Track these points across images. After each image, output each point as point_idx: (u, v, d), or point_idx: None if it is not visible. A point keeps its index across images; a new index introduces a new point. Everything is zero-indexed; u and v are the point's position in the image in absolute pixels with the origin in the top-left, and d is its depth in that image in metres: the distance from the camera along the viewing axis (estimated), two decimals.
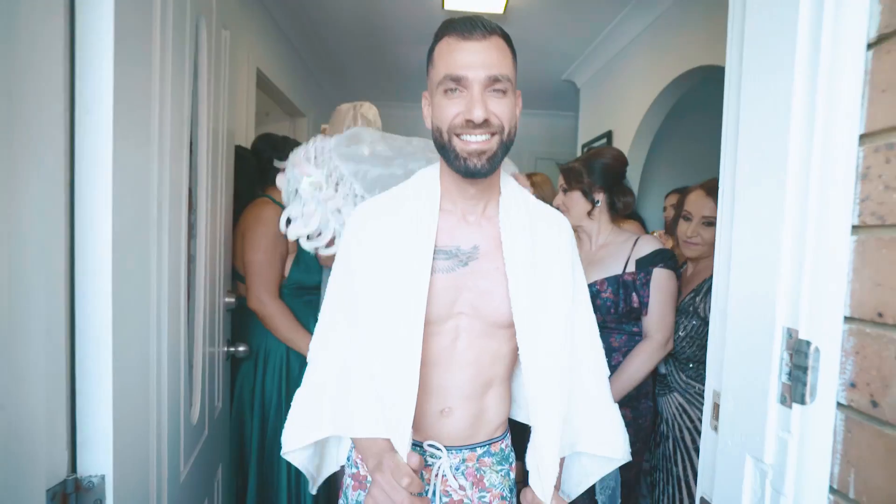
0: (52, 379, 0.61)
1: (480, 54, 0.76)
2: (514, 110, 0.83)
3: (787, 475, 0.53)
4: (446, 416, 0.90)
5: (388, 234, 0.86)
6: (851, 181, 0.49)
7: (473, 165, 0.79)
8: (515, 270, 0.83)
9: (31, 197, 0.56)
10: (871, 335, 0.47)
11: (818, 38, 0.51)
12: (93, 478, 0.66)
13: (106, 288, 0.67)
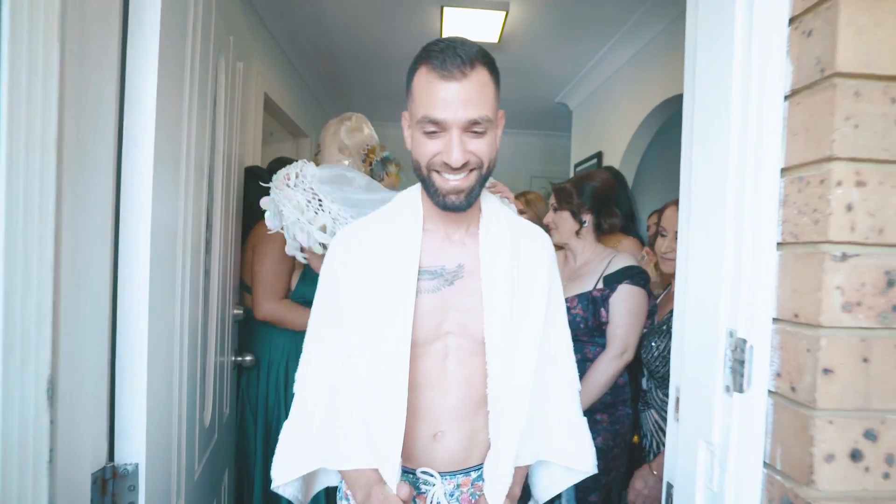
0: (97, 378, 0.70)
1: (460, 95, 0.74)
2: (493, 145, 0.81)
3: (731, 454, 0.62)
4: (439, 441, 0.88)
5: (372, 257, 0.85)
6: (775, 207, 0.60)
7: (451, 202, 0.80)
8: (492, 287, 0.83)
9: (88, 217, 0.66)
10: (790, 332, 0.57)
11: (748, 91, 0.62)
12: (128, 465, 0.74)
13: (143, 302, 0.76)
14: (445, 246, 0.87)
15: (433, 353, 0.86)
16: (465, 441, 0.89)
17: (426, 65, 0.76)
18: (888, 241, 0.53)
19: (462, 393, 0.87)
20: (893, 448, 0.54)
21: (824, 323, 0.53)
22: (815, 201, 0.54)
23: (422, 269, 0.84)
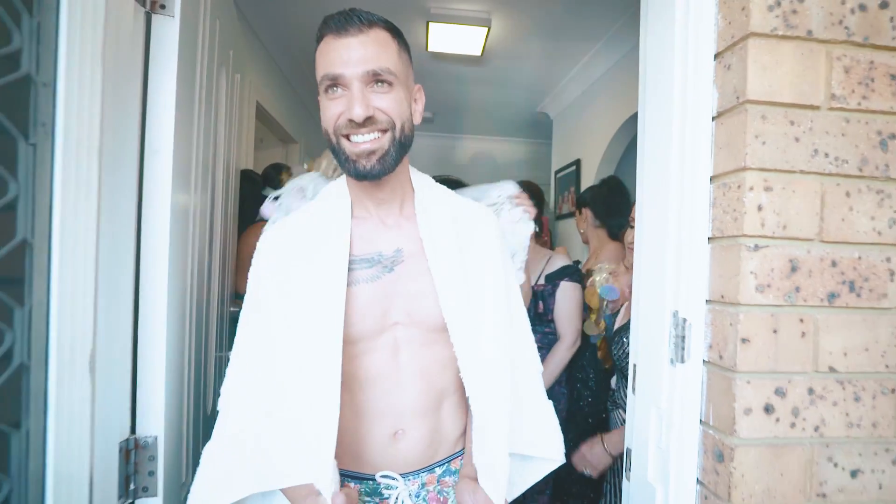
0: (123, 359, 0.78)
1: (357, 50, 0.70)
2: (404, 104, 0.75)
3: (675, 416, 0.74)
4: (400, 440, 0.80)
5: (298, 250, 0.79)
6: (706, 208, 0.72)
7: (363, 167, 0.73)
8: (440, 268, 0.77)
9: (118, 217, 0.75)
10: (718, 310, 0.69)
11: (685, 112, 0.74)
12: (148, 438, 0.83)
13: (162, 292, 0.85)
14: (380, 231, 0.81)
15: (380, 347, 0.79)
16: (429, 437, 0.82)
17: (325, 34, 0.73)
18: (791, 235, 0.66)
19: (420, 387, 0.80)
20: (798, 402, 0.66)
21: (742, 302, 0.65)
22: (734, 203, 0.67)
23: (355, 258, 0.78)
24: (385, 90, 0.72)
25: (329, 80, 0.72)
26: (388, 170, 0.75)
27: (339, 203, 0.80)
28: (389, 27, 0.75)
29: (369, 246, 0.79)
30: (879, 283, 0.67)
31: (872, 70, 0.67)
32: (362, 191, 0.80)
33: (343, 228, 0.77)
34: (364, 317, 0.76)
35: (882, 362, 0.67)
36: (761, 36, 0.65)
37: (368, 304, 0.77)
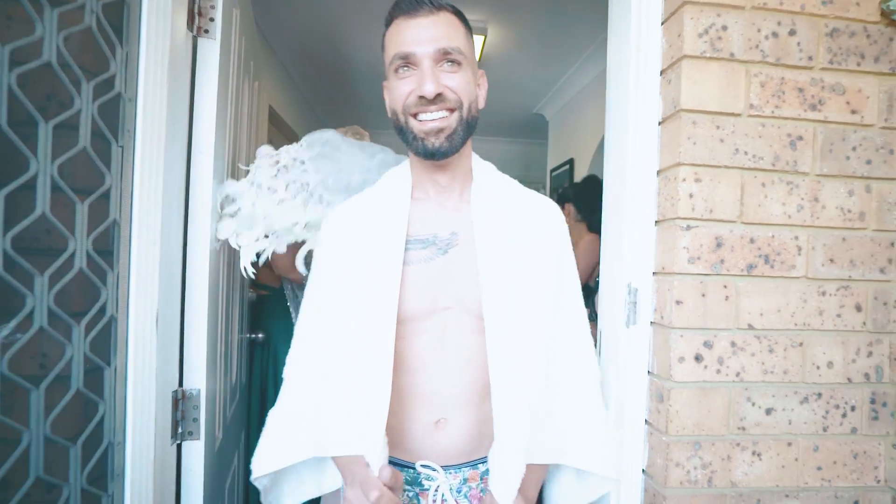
0: (174, 321, 0.95)
1: (428, 29, 0.71)
2: (471, 85, 0.76)
3: (629, 368, 0.90)
4: (441, 429, 0.77)
5: (360, 232, 0.80)
6: (654, 196, 0.88)
7: (432, 144, 0.73)
8: (487, 258, 0.75)
9: (173, 206, 0.91)
10: (660, 279, 0.86)
11: (637, 117, 0.90)
12: (193, 390, 0.99)
13: (204, 274, 1.01)
14: (437, 213, 0.80)
15: (428, 330, 0.77)
16: (473, 430, 0.78)
17: (395, 17, 0.74)
18: (716, 218, 0.82)
19: (466, 376, 0.77)
20: (722, 353, 0.82)
21: (676, 271, 0.81)
22: (672, 191, 0.83)
23: (410, 238, 0.78)
24: (454, 69, 0.73)
25: (400, 60, 0.72)
26: (455, 148, 0.75)
27: (400, 183, 0.81)
28: (457, 12, 0.76)
29: (425, 227, 0.79)
30: (789, 257, 0.83)
31: (783, 84, 0.83)
32: (424, 172, 0.80)
33: (402, 208, 0.78)
34: (414, 298, 0.75)
35: (792, 321, 0.83)
36: (693, 57, 0.81)
37: (420, 285, 0.76)
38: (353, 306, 0.77)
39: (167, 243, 0.88)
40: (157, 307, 0.82)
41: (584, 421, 0.83)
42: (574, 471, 0.86)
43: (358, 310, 0.76)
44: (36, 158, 0.60)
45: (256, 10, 2.38)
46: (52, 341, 0.65)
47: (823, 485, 0.84)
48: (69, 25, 0.64)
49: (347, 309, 0.78)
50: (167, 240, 0.87)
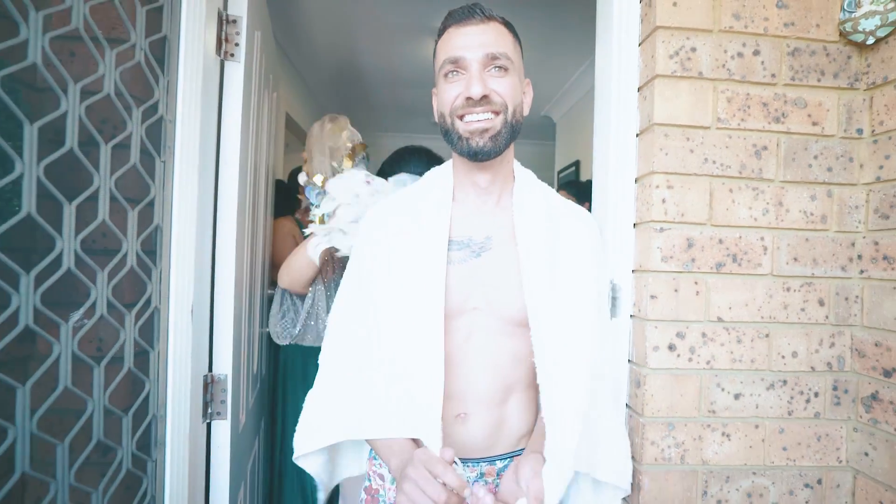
0: (205, 313, 1.07)
1: (478, 36, 0.74)
2: (517, 90, 0.78)
3: (613, 357, 0.99)
4: (461, 423, 0.80)
5: (403, 230, 0.82)
6: (632, 201, 0.97)
7: (476, 144, 0.75)
8: (530, 260, 0.77)
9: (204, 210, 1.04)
10: (638, 276, 0.95)
11: (618, 129, 0.99)
12: (221, 374, 1.11)
13: (230, 272, 1.13)
14: (474, 217, 0.83)
15: (457, 329, 0.79)
16: (492, 427, 0.81)
17: (449, 26, 0.78)
18: (687, 221, 0.91)
19: (488, 376, 0.80)
20: (694, 343, 0.91)
21: (651, 269, 0.91)
22: (647, 197, 0.92)
23: (450, 240, 0.80)
24: (501, 74, 0.75)
25: (450, 64, 0.75)
26: (499, 150, 0.77)
27: (442, 184, 0.84)
28: (506, 23, 0.79)
29: (463, 229, 0.81)
30: (755, 256, 0.92)
31: (748, 100, 0.91)
32: (466, 175, 0.83)
33: (444, 209, 0.80)
34: (449, 297, 0.77)
35: (758, 314, 0.92)
36: (665, 77, 0.90)
37: (454, 285, 0.78)
38: (401, 302, 0.79)
39: (200, 245, 1.00)
40: (192, 300, 0.94)
41: (610, 432, 0.85)
42: (592, 480, 0.87)
43: (407, 305, 0.78)
44: (98, 174, 0.72)
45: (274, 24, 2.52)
46: (107, 327, 0.77)
47: (789, 464, 0.92)
48: (123, 62, 0.76)
49: (392, 302, 0.80)
50: (200, 241, 1.00)
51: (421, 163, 1.54)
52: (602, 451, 0.82)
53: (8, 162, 0.60)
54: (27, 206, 0.61)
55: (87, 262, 0.70)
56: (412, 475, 0.67)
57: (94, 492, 0.74)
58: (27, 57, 0.61)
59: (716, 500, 0.91)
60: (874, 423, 0.88)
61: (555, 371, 0.74)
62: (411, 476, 0.67)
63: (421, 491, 0.65)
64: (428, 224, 0.80)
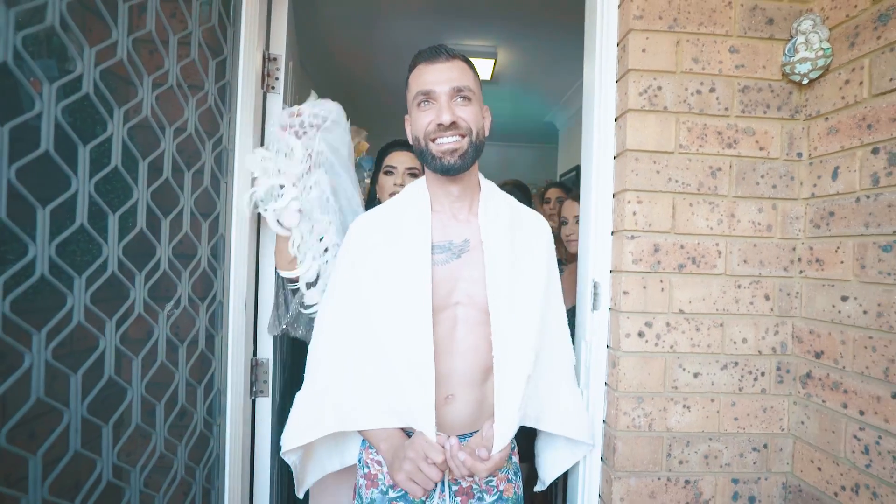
0: (251, 307, 1.27)
1: (444, 73, 0.86)
2: (479, 116, 0.90)
3: (593, 343, 1.18)
4: (449, 403, 0.90)
5: (389, 239, 0.92)
6: (610, 212, 1.16)
7: (448, 162, 0.87)
8: (491, 258, 0.89)
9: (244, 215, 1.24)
10: (614, 276, 1.14)
11: (600, 152, 1.18)
12: (263, 359, 1.32)
13: (271, 277, 1.33)
14: (452, 223, 0.94)
15: (443, 321, 0.90)
16: (474, 405, 0.92)
17: (418, 61, 0.90)
18: (654, 229, 1.09)
19: (470, 360, 0.91)
20: (660, 330, 1.10)
21: (623, 269, 1.09)
22: (621, 210, 1.11)
23: (433, 244, 0.91)
24: (465, 104, 0.88)
25: (422, 96, 0.87)
26: (466, 166, 0.89)
27: (420, 198, 0.94)
28: (466, 60, 0.92)
29: (443, 235, 0.92)
30: (711, 258, 1.10)
31: (705, 129, 1.09)
32: (440, 188, 0.94)
33: (425, 218, 0.91)
34: (435, 294, 0.88)
35: (714, 307, 1.10)
36: (635, 110, 1.09)
37: (439, 283, 0.89)
38: (390, 300, 0.89)
39: (250, 249, 1.20)
40: (245, 295, 1.15)
41: (561, 396, 1.03)
42: (565, 439, 1.07)
43: (393, 302, 0.88)
44: (183, 195, 0.92)
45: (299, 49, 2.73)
46: (187, 316, 0.98)
47: (739, 431, 1.11)
48: (200, 106, 0.96)
49: (381, 302, 0.90)
50: (250, 247, 1.20)
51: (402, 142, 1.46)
52: (550, 410, 0.99)
53: (128, 189, 0.80)
54: (140, 223, 0.81)
55: (176, 265, 0.91)
56: (412, 457, 0.79)
57: (178, 444, 0.94)
58: (141, 112, 0.81)
59: (678, 461, 1.10)
60: (808, 397, 1.07)
61: (506, 349, 0.87)
62: (411, 458, 0.79)
63: (420, 470, 0.79)
64: (412, 232, 0.90)
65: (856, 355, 0.95)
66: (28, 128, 0.62)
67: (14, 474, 0.64)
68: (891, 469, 0.87)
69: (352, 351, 0.93)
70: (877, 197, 0.92)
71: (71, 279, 0.69)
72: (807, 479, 1.06)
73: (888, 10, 0.90)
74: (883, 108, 0.91)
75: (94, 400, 0.73)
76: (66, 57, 0.69)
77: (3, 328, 0.59)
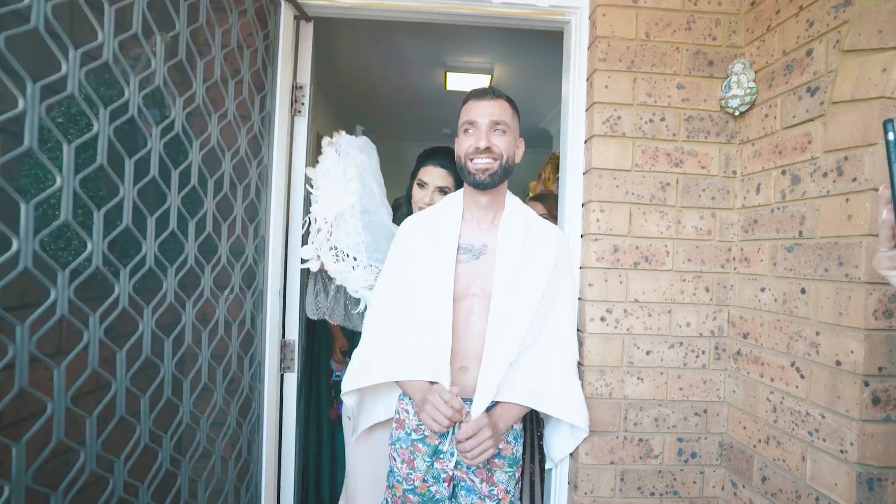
0: (280, 294, 1.52)
1: (487, 108, 1.12)
2: (512, 145, 1.14)
3: None
4: (463, 373, 1.14)
5: (428, 236, 1.17)
6: (579, 219, 1.41)
7: (480, 179, 1.11)
8: (502, 259, 1.12)
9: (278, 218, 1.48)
10: (583, 271, 1.38)
11: (573, 168, 1.43)
12: (290, 340, 1.56)
13: (297, 269, 1.58)
14: (476, 231, 1.18)
15: (462, 308, 1.14)
16: None
17: (469, 97, 1.16)
18: (614, 233, 1.34)
19: (480, 341, 1.12)
20: (618, 316, 1.34)
21: (589, 266, 1.34)
22: (588, 217, 1.35)
23: (460, 246, 1.14)
24: (500, 135, 1.12)
25: (468, 124, 1.13)
26: (495, 184, 1.13)
27: (455, 209, 1.20)
28: (509, 100, 1.18)
29: (467, 239, 1.17)
30: (661, 257, 1.35)
31: (657, 151, 1.34)
32: (472, 198, 1.18)
33: (455, 226, 1.16)
34: (457, 285, 1.12)
35: (663, 297, 1.35)
36: (599, 136, 1.33)
37: (461, 277, 1.13)
38: (425, 285, 1.14)
39: (282, 249, 1.45)
40: (280, 285, 1.40)
41: (561, 382, 1.21)
42: (568, 426, 1.29)
43: (428, 288, 1.12)
44: (237, 204, 1.17)
45: None
46: (238, 301, 1.22)
47: (684, 399, 1.35)
48: (248, 133, 1.21)
49: (419, 286, 1.15)
50: (282, 247, 1.45)
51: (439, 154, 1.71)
52: (551, 396, 1.19)
53: (201, 202, 1.05)
54: (208, 227, 1.06)
55: (231, 260, 1.16)
56: (431, 400, 1.04)
57: (231, 402, 1.19)
58: (210, 142, 1.06)
59: (633, 422, 1.34)
60: (738, 371, 1.31)
61: (497, 335, 1.10)
62: (431, 400, 1.04)
63: (436, 409, 1.03)
64: (444, 235, 1.16)
65: (769, 335, 1.19)
66: (141, 160, 0.87)
67: (130, 409, 0.89)
68: (790, 422, 1.11)
69: (396, 322, 1.19)
70: (783, 208, 1.16)
71: (165, 269, 0.94)
72: (736, 437, 1.31)
73: (792, 62, 1.15)
74: (788, 139, 1.16)
75: (179, 360, 0.98)
76: (164, 105, 0.94)
77: (126, 302, 0.84)
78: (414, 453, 1.18)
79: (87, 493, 0.76)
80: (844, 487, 0.95)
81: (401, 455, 1.20)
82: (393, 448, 1.23)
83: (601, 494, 1.33)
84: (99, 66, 0.75)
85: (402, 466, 1.19)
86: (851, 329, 0.96)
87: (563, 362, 1.24)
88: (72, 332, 0.88)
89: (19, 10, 0.65)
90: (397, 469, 1.21)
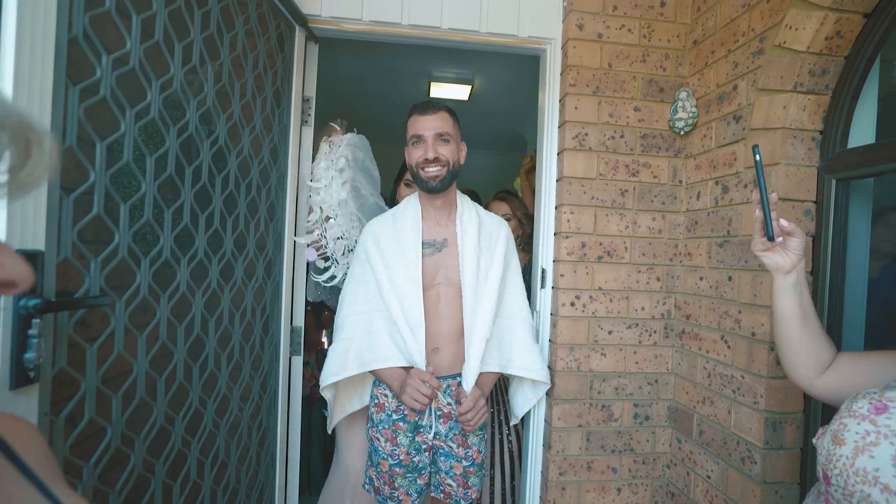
0: (287, 294, 1.70)
1: (431, 122, 1.27)
2: (456, 151, 1.30)
3: (542, 311, 1.66)
4: (436, 354, 1.30)
5: (394, 236, 1.33)
6: (552, 218, 1.65)
7: (433, 185, 1.28)
8: (464, 250, 1.31)
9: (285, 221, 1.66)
10: (555, 264, 1.62)
11: (548, 175, 1.67)
12: (297, 326, 1.74)
13: (303, 262, 1.76)
14: (435, 227, 1.35)
15: (430, 296, 1.30)
16: (452, 356, 1.32)
17: (413, 112, 1.32)
18: (581, 232, 1.58)
19: (449, 324, 1.30)
20: (586, 301, 1.59)
21: (561, 259, 1.58)
22: (560, 218, 1.59)
23: (423, 242, 1.33)
24: (444, 144, 1.29)
25: (415, 138, 1.30)
26: (445, 187, 1.31)
27: (414, 209, 1.37)
28: (450, 111, 1.33)
29: (429, 235, 1.34)
30: (621, 252, 1.60)
31: (618, 163, 1.59)
32: (428, 201, 1.36)
33: (418, 223, 1.34)
34: (425, 276, 1.30)
35: (622, 285, 1.60)
36: (569, 150, 1.57)
37: (427, 268, 1.31)
38: (394, 279, 1.29)
39: (289, 242, 1.63)
40: (287, 277, 1.58)
41: (522, 347, 1.43)
42: (530, 382, 1.51)
43: (398, 281, 1.28)
44: (262, 204, 1.35)
45: None
46: (261, 290, 1.40)
47: (639, 371, 1.61)
48: (270, 143, 1.39)
49: (389, 281, 1.30)
50: (289, 240, 1.63)
51: None
52: (515, 358, 1.40)
53: (236, 203, 1.23)
54: (240, 226, 1.24)
55: (257, 254, 1.34)
56: (411, 383, 1.20)
57: (255, 376, 1.37)
58: (242, 152, 1.24)
59: (597, 391, 1.59)
60: (682, 347, 1.58)
61: (474, 316, 1.30)
62: (411, 383, 1.20)
63: (417, 390, 1.19)
64: (409, 233, 1.33)
65: (705, 315, 1.46)
66: (194, 169, 1.05)
67: (186, 377, 1.06)
68: (720, 384, 1.38)
69: (367, 317, 1.34)
70: (717, 212, 1.43)
71: (211, 259, 1.11)
72: (680, 401, 1.57)
73: (723, 94, 1.42)
74: (720, 156, 1.42)
75: (219, 338, 1.16)
76: (211, 121, 1.12)
77: (185, 287, 1.02)
78: (396, 431, 1.32)
79: (157, 441, 0.94)
80: (756, 430, 1.22)
81: (384, 434, 1.34)
82: (375, 430, 1.36)
83: (571, 453, 1.57)
84: (170, 93, 0.93)
85: (387, 444, 1.33)
86: (763, 307, 1.23)
87: (523, 330, 1.43)
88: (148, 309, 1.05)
89: (121, 57, 0.83)
90: (381, 447, 1.34)
